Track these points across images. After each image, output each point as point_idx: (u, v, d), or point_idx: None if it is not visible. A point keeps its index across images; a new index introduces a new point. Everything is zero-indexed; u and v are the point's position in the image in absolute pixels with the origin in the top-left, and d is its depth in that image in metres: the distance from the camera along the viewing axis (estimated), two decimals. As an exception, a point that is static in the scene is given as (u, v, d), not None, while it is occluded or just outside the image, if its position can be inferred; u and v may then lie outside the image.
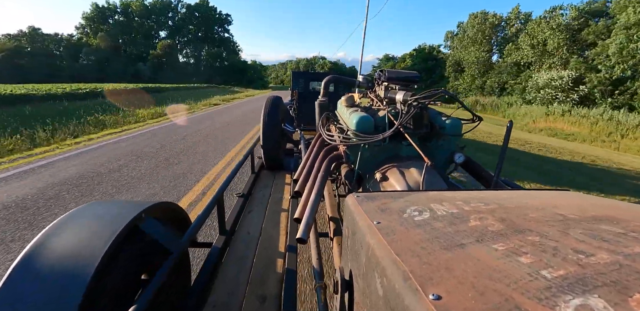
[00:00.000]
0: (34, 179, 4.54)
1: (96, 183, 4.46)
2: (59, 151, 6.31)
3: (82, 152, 6.30)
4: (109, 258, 0.90)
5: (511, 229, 0.61)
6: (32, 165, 5.24)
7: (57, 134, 7.68)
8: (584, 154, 9.54)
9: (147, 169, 5.18)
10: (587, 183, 6.04)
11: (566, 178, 6.41)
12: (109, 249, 0.89)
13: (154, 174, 4.94)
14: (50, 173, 4.81)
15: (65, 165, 5.31)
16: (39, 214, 3.41)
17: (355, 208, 0.80)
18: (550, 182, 5.83)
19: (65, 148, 6.60)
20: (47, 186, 4.24)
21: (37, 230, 3.00)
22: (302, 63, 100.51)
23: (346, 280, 0.83)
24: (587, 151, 10.25)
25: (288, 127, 3.80)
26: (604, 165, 8.17)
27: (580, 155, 9.26)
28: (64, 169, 5.05)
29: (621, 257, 0.47)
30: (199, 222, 1.36)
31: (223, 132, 9.28)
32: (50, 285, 0.81)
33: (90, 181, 4.53)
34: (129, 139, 7.86)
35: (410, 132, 1.71)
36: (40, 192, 4.02)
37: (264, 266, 1.63)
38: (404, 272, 0.49)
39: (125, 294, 0.97)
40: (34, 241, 0.92)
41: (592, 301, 0.38)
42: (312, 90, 6.71)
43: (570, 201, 0.82)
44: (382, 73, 2.23)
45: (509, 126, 1.68)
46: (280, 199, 2.60)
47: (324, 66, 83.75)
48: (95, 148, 6.65)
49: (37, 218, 3.32)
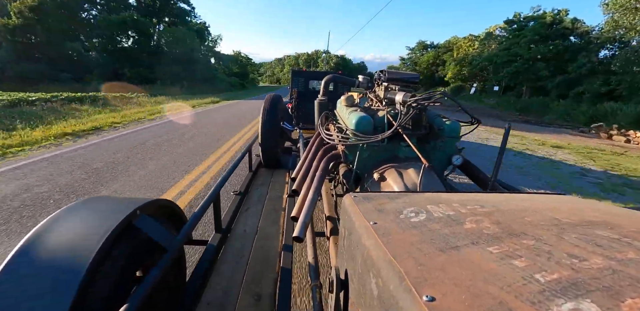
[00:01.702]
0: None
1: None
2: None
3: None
4: (103, 255, 0.90)
5: (506, 232, 0.61)
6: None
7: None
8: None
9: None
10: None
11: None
12: (103, 246, 0.89)
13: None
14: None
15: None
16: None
17: (352, 208, 0.80)
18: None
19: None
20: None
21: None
22: (302, 58, 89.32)
23: (341, 279, 0.83)
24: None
25: (287, 125, 3.80)
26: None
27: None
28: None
29: (615, 262, 0.47)
30: (194, 219, 1.36)
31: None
32: (43, 281, 0.81)
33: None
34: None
35: (409, 133, 1.72)
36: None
37: (260, 264, 1.63)
38: (399, 273, 0.49)
39: (119, 291, 0.97)
40: (27, 237, 0.91)
41: (584, 305, 0.38)
42: (311, 89, 6.71)
43: (566, 205, 0.83)
44: (382, 74, 2.23)
45: (507, 129, 1.68)
46: (278, 197, 2.60)
47: (329, 60, 74.65)
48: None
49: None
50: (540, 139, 10.21)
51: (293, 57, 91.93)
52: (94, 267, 0.85)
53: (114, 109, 12.10)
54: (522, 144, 9.08)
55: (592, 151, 8.46)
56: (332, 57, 77.72)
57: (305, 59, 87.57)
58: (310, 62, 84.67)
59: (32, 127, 7.49)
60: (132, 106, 13.64)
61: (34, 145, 6.11)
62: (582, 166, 6.70)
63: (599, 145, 9.81)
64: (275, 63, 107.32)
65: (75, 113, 10.33)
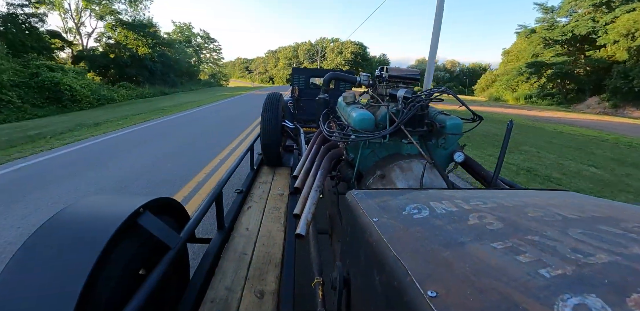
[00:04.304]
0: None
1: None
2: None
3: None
4: (107, 252, 0.90)
5: (510, 228, 0.61)
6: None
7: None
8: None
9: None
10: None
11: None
12: (108, 243, 0.89)
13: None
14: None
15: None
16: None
17: (354, 205, 0.80)
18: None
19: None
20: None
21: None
22: (302, 49, 69.51)
23: (344, 276, 0.83)
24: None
25: (288, 123, 3.80)
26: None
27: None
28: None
29: (620, 257, 0.47)
30: (197, 217, 1.36)
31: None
32: (48, 279, 0.81)
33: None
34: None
35: (411, 130, 1.71)
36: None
37: (263, 262, 1.63)
38: (403, 269, 0.49)
39: (123, 289, 0.97)
40: (32, 234, 0.92)
41: (590, 300, 0.38)
42: (312, 86, 6.70)
43: (569, 201, 0.83)
44: (384, 71, 2.22)
45: (509, 126, 1.68)
46: (280, 195, 2.60)
47: (342, 48, 58.10)
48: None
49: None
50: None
51: (291, 48, 73.42)
52: (99, 265, 0.85)
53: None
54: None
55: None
56: (346, 44, 59.36)
57: (308, 50, 68.85)
58: (313, 54, 65.44)
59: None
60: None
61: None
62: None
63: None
64: (268, 57, 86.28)
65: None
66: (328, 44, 64.49)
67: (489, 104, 28.64)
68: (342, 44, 60.90)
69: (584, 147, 8.76)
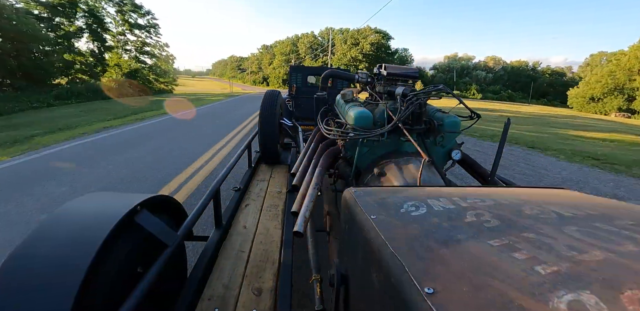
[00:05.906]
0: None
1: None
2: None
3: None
4: (105, 250, 0.90)
5: (507, 225, 0.61)
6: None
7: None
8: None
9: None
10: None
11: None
12: (105, 241, 0.89)
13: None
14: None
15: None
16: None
17: (352, 203, 0.80)
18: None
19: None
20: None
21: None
22: (304, 41, 55.66)
23: (342, 273, 0.84)
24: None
25: (286, 121, 3.79)
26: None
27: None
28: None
29: (614, 255, 0.48)
30: (195, 215, 1.36)
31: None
32: (46, 276, 0.81)
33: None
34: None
35: (409, 128, 1.71)
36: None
37: (260, 259, 1.64)
38: (400, 266, 0.49)
39: (120, 287, 0.97)
40: (30, 233, 0.91)
41: (584, 297, 0.38)
42: (310, 84, 6.67)
43: (565, 199, 0.83)
44: (382, 68, 2.22)
45: (507, 124, 1.68)
46: (277, 193, 2.60)
47: (359, 38, 44.53)
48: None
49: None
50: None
51: (289, 41, 60.33)
52: (96, 262, 0.85)
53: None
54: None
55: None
56: (364, 31, 44.96)
57: (310, 42, 55.92)
58: (317, 49, 54.29)
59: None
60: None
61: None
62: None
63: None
64: (261, 53, 71.15)
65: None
66: (336, 35, 50.86)
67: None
68: (359, 32, 45.99)
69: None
